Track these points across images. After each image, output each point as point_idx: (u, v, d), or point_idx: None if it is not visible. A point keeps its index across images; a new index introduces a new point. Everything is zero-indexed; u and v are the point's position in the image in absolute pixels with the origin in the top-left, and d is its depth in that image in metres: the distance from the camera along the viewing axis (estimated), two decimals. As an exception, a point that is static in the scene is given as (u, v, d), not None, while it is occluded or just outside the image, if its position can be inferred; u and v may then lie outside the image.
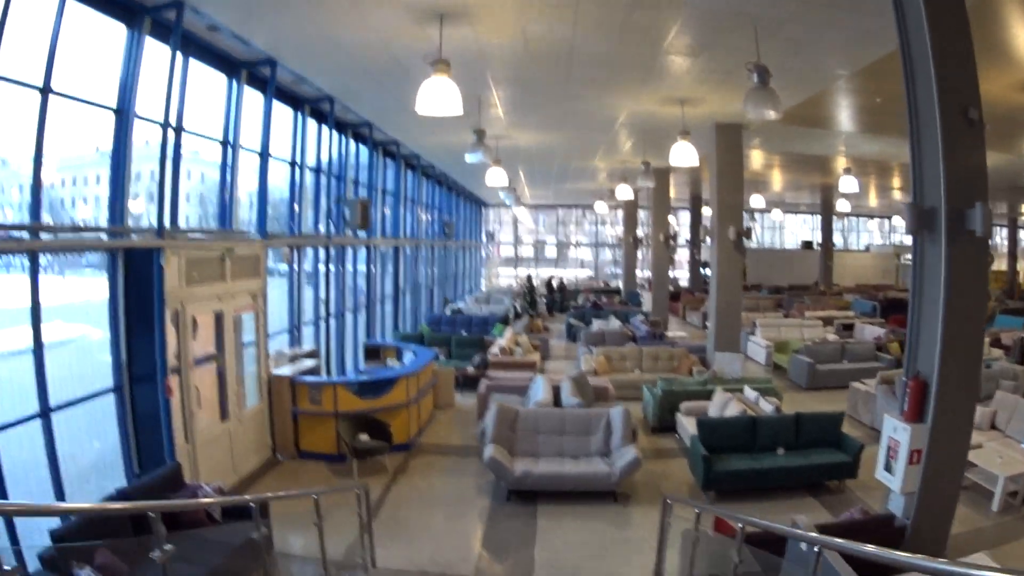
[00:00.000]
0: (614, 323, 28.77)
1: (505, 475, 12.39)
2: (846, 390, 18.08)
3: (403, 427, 15.35)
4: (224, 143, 14.01)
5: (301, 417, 14.82)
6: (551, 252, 57.51)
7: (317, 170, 18.87)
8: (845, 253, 50.03)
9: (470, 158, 17.04)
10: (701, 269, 42.99)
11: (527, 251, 56.98)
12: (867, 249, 53.96)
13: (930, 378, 8.62)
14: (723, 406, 14.81)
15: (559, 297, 41.58)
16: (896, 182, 34.80)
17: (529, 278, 43.27)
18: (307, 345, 18.07)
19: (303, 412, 14.80)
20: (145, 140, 11.30)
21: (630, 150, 24.12)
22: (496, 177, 19.71)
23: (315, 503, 8.47)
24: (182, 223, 11.81)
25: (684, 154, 15.65)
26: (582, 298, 40.01)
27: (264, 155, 15.12)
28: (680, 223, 48.44)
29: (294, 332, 17.85)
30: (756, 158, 26.30)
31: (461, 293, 41.40)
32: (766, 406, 14.62)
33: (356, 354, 21.21)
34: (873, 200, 41.84)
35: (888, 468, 9.12)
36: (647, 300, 34.24)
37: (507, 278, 54.93)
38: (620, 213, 43.71)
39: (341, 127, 20.29)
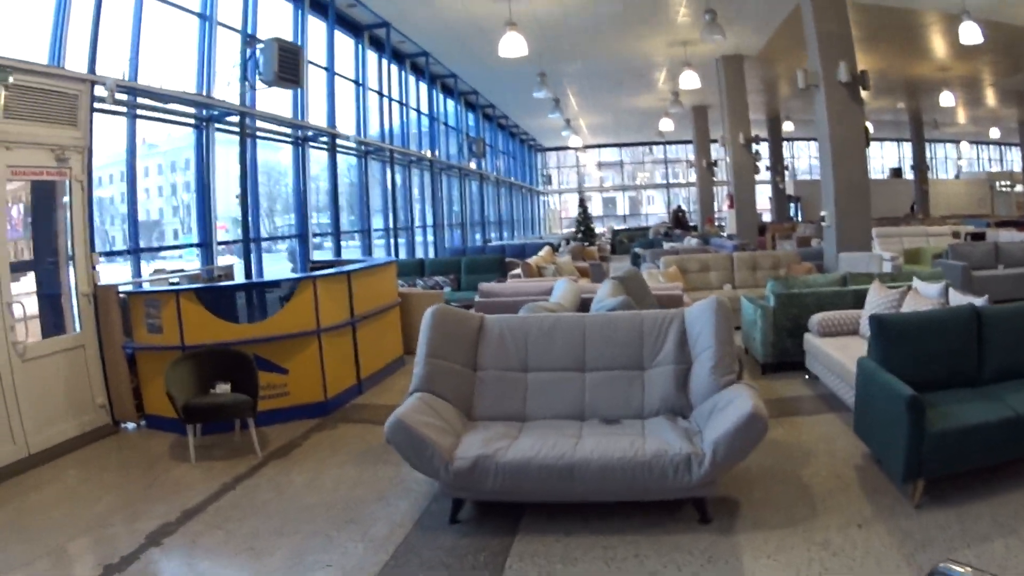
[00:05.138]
0: (691, 242, 21.63)
1: (429, 466, 5.12)
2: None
3: (309, 374, 8.50)
4: None
5: (140, 356, 8.30)
6: (621, 207, 51.27)
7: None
8: (934, 181, 43.33)
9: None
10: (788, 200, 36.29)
11: (596, 208, 49.92)
12: (958, 176, 47.77)
13: None
14: (889, 311, 7.38)
15: (625, 239, 34.21)
16: (989, 97, 29.03)
17: (582, 200, 37.20)
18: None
19: (141, 347, 8.25)
20: None
21: (687, 22, 18.23)
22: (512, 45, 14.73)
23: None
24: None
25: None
26: (652, 233, 32.42)
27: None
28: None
29: (210, 246, 12.05)
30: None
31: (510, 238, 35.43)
32: (958, 299, 7.25)
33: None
34: (962, 118, 35.77)
35: None
36: (730, 222, 26.57)
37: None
38: (691, 148, 36.26)
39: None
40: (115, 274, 9.95)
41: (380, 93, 19.31)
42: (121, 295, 8.29)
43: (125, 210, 10.85)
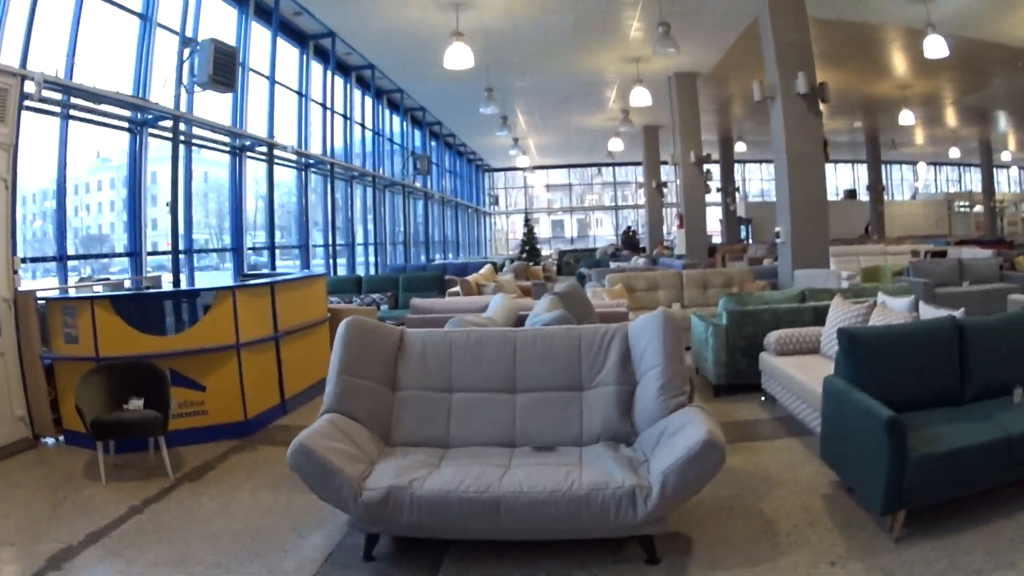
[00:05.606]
0: (638, 262, 21.24)
1: (337, 496, 4.42)
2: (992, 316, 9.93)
3: (228, 392, 7.80)
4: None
5: (58, 367, 7.69)
6: (569, 230, 50.40)
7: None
8: (890, 203, 43.36)
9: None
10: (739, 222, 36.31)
11: (544, 230, 49.16)
12: (914, 197, 47.75)
13: None
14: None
15: (572, 260, 33.70)
16: (950, 116, 29.02)
17: (528, 219, 36.49)
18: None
19: (58, 358, 7.65)
20: None
21: (640, 37, 17.71)
22: (458, 56, 14.51)
23: None
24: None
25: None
26: (599, 254, 31.92)
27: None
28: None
29: (140, 256, 11.38)
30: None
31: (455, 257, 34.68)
32: (930, 312, 6.92)
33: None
34: (920, 138, 36.03)
35: None
36: (680, 243, 26.05)
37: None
38: (640, 170, 35.77)
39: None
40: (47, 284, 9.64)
41: (324, 106, 18.60)
42: (39, 302, 7.73)
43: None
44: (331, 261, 19.04)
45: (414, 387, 5.31)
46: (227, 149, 14.09)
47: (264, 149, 14.92)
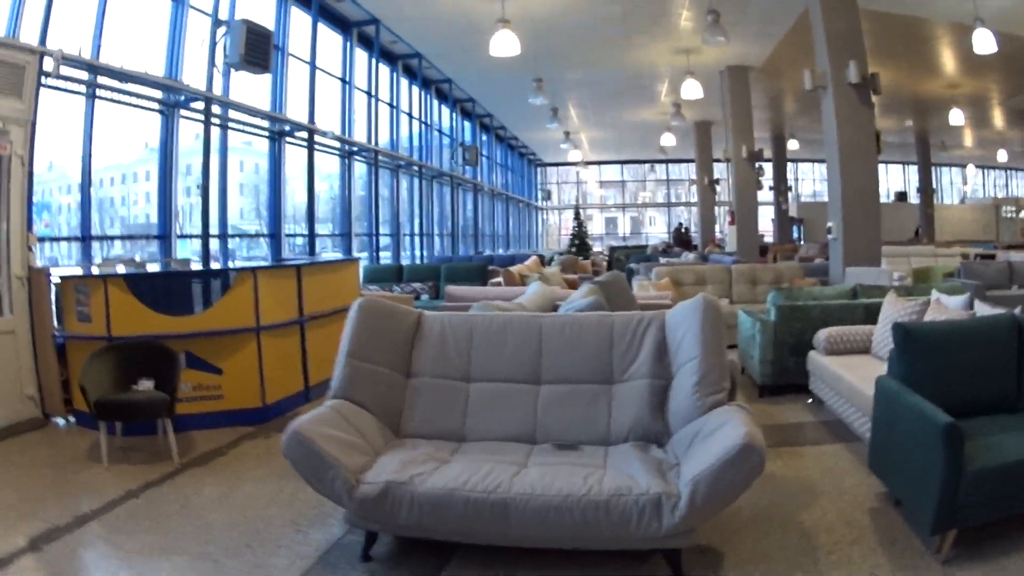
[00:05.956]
0: (688, 257, 20.71)
1: (331, 489, 4.04)
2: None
3: (246, 376, 7.54)
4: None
5: (70, 346, 7.57)
6: (622, 227, 49.90)
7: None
8: (939, 207, 42.24)
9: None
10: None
11: (597, 227, 48.97)
12: (963, 201, 46.41)
13: None
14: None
15: (622, 256, 33.26)
16: (997, 117, 28.08)
17: (578, 212, 35.91)
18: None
19: (72, 337, 7.53)
20: None
21: (690, 28, 17.15)
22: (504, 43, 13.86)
23: None
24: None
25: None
26: (650, 250, 31.40)
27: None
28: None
29: (169, 239, 11.19)
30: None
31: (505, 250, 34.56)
32: (985, 311, 6.29)
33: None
34: (969, 140, 35.05)
35: None
36: (730, 240, 25.43)
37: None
38: (693, 167, 35.16)
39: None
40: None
41: (369, 94, 18.29)
42: (53, 280, 7.71)
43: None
44: (375, 251, 18.79)
45: (429, 374, 4.89)
46: (266, 134, 13.86)
47: (304, 135, 14.66)
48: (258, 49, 11.01)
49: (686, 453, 4.08)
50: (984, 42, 14.01)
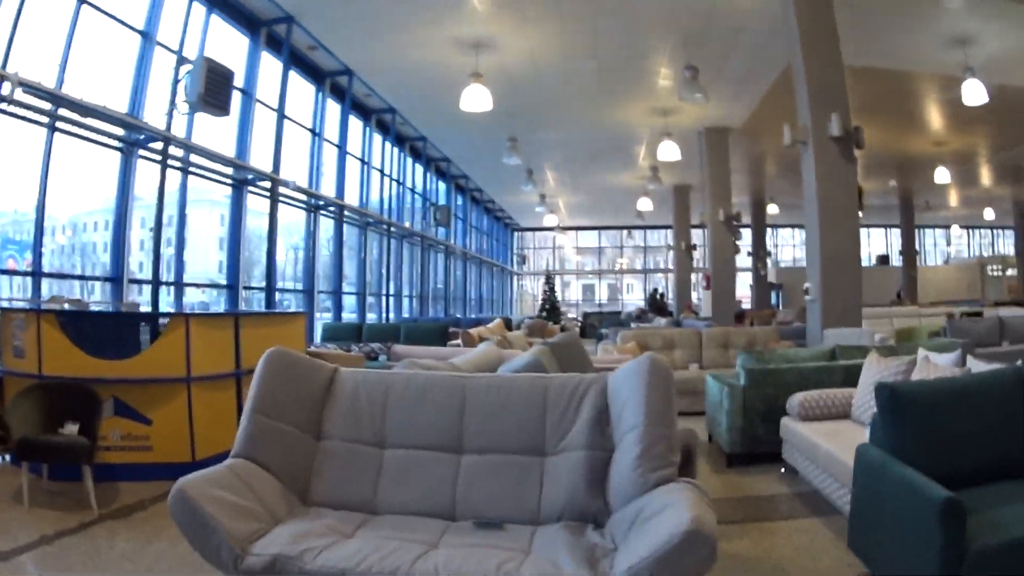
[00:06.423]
0: (661, 322, 20.16)
1: (216, 557, 3.40)
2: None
3: (175, 429, 7.19)
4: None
5: (7, 382, 7.26)
6: (598, 294, 50.00)
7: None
8: (923, 268, 42.73)
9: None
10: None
11: (574, 293, 49.82)
12: (947, 262, 47.04)
13: None
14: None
15: (595, 321, 33.05)
16: (984, 175, 28.64)
17: (549, 277, 36.45)
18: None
19: (7, 372, 7.34)
20: None
21: (668, 87, 16.99)
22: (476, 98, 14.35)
23: None
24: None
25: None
26: (624, 316, 31.26)
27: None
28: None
29: (121, 281, 10.85)
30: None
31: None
32: (980, 367, 5.56)
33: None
34: (954, 199, 35.30)
35: None
36: (705, 305, 25.16)
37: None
38: (670, 233, 35.20)
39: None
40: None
41: (338, 147, 17.92)
42: None
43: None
44: (338, 309, 18.38)
45: (340, 437, 4.29)
46: (229, 181, 13.41)
47: (267, 184, 14.22)
48: (218, 90, 10.78)
49: (625, 537, 3.45)
50: (974, 93, 13.85)
